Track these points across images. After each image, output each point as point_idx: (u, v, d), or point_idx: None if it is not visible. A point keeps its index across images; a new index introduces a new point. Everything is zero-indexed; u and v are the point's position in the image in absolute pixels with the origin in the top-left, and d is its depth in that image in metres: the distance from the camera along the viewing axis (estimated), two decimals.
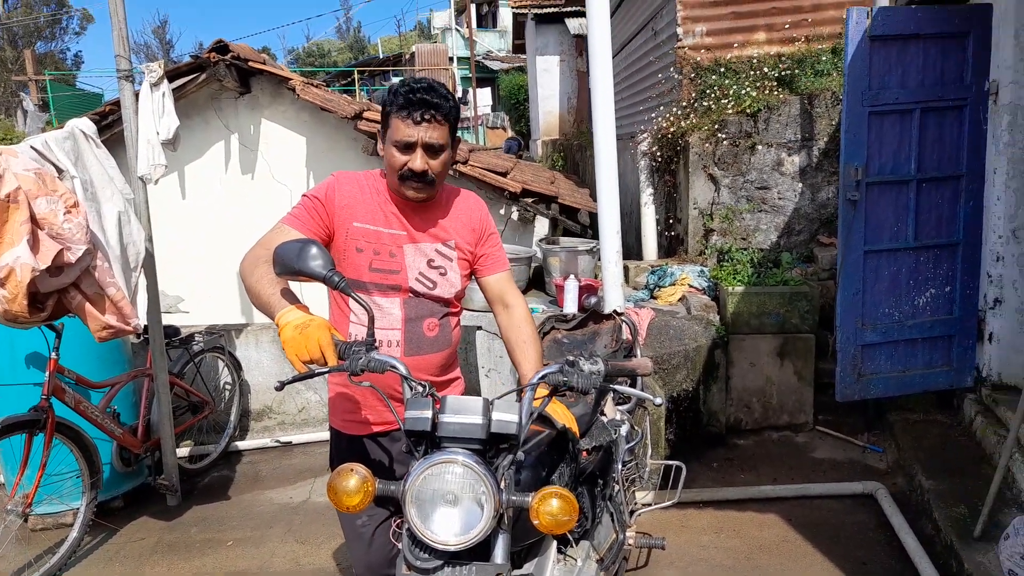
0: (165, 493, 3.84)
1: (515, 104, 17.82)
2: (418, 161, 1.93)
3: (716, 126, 5.08)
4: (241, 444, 4.64)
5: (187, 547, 3.45)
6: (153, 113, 3.65)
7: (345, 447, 2.17)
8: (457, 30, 23.82)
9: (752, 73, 5.25)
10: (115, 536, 3.57)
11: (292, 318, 1.69)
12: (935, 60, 3.64)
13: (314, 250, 1.78)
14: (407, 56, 21.87)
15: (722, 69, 5.38)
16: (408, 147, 1.93)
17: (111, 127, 4.86)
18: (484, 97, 21.62)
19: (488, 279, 2.18)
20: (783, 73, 5.20)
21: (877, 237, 3.74)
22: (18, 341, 3.39)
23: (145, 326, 3.64)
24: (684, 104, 5.42)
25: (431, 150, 1.94)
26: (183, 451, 4.35)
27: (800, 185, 5.06)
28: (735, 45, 5.52)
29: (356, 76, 17.78)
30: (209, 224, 5.32)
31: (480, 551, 1.59)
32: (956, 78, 3.66)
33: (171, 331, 4.14)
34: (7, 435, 3.05)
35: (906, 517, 3.20)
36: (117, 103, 4.20)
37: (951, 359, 3.85)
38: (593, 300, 4.34)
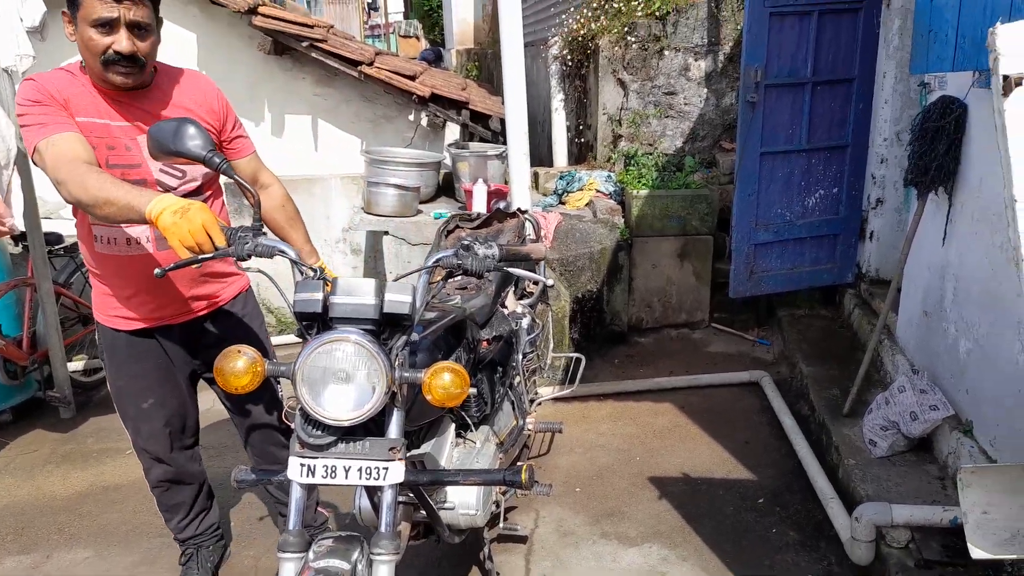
0: (58, 406, 3.69)
1: (428, 11, 17.09)
2: (124, 42, 1.77)
3: (626, 29, 5.03)
4: None
5: (84, 457, 3.35)
6: None
7: (124, 345, 2.09)
8: None
9: None
10: (4, 449, 3.43)
11: (168, 203, 1.60)
12: None
13: (192, 129, 1.69)
14: None
15: None
16: (108, 25, 1.76)
17: None
18: (395, 3, 20.60)
19: (239, 163, 2.11)
20: None
21: (773, 139, 3.85)
22: None
23: (23, 232, 3.42)
24: (595, 6, 5.33)
25: (137, 29, 1.79)
26: (76, 364, 4.16)
27: (705, 91, 5.12)
28: None
29: None
30: None
31: (375, 429, 1.62)
32: None
33: (53, 238, 3.88)
34: None
35: (786, 401, 3.46)
36: None
37: (835, 257, 4.09)
38: (502, 205, 4.33)
